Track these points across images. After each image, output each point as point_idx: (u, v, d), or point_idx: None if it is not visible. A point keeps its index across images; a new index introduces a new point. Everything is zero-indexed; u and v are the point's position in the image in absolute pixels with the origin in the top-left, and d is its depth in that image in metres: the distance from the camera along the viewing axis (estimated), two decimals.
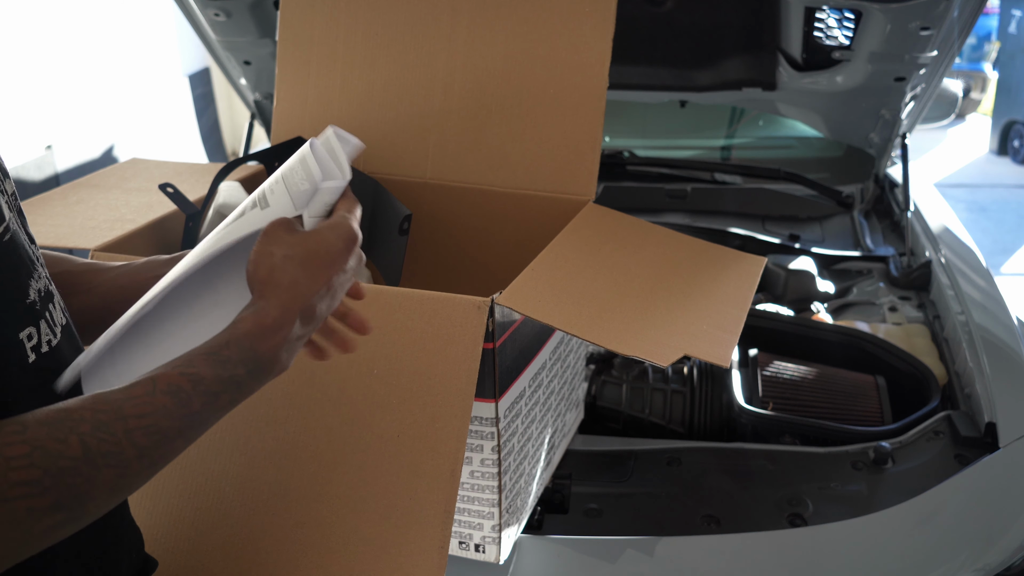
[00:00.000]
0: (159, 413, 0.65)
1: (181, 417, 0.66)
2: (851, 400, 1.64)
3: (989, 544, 1.24)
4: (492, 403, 1.12)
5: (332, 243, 0.75)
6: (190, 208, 1.43)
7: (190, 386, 0.67)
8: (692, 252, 1.40)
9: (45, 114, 3.62)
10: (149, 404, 0.64)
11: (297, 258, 0.74)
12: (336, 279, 0.76)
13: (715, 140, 2.91)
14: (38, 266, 0.73)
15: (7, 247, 0.68)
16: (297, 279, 0.73)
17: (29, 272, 0.70)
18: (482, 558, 1.25)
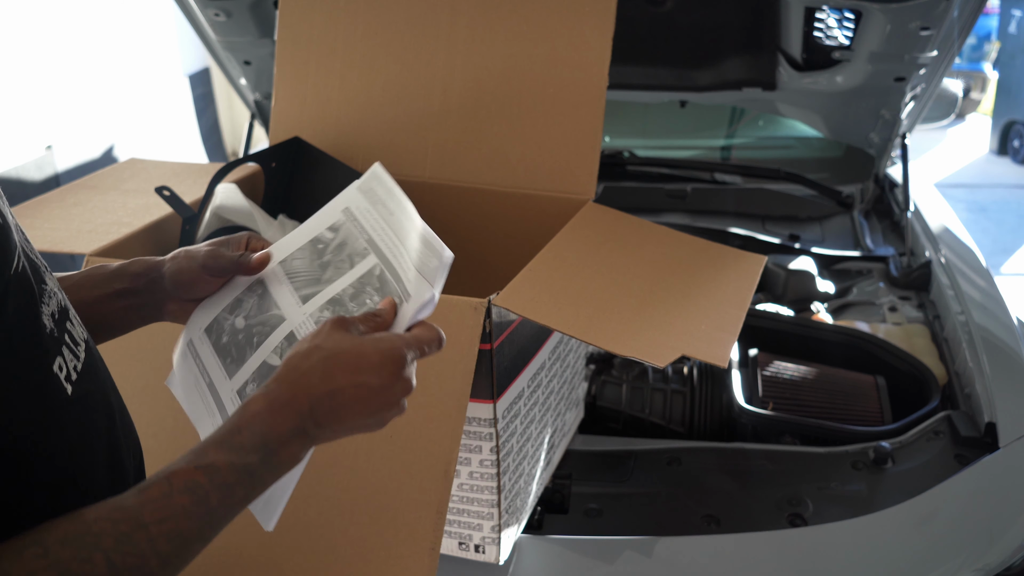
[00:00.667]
0: (179, 515, 0.63)
1: (200, 516, 0.64)
2: (851, 400, 1.64)
3: (989, 544, 1.24)
4: (490, 404, 1.12)
5: (366, 352, 0.72)
6: (186, 211, 1.43)
7: (206, 480, 0.65)
8: (692, 251, 1.40)
9: (45, 114, 3.62)
10: (168, 507, 0.63)
11: (324, 350, 0.71)
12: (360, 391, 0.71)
13: (715, 140, 2.91)
14: (46, 279, 0.69)
15: (21, 278, 0.63)
16: (313, 370, 0.71)
17: (40, 294, 0.67)
18: (482, 559, 1.25)
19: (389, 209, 0.86)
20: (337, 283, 0.85)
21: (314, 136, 1.62)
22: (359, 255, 0.86)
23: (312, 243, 0.89)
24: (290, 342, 0.82)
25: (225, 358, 0.85)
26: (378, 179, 0.89)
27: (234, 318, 0.87)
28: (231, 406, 0.82)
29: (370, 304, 0.81)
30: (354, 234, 0.88)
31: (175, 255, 0.89)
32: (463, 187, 1.54)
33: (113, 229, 1.37)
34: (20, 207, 1.46)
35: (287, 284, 0.87)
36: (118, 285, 0.87)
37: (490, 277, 1.55)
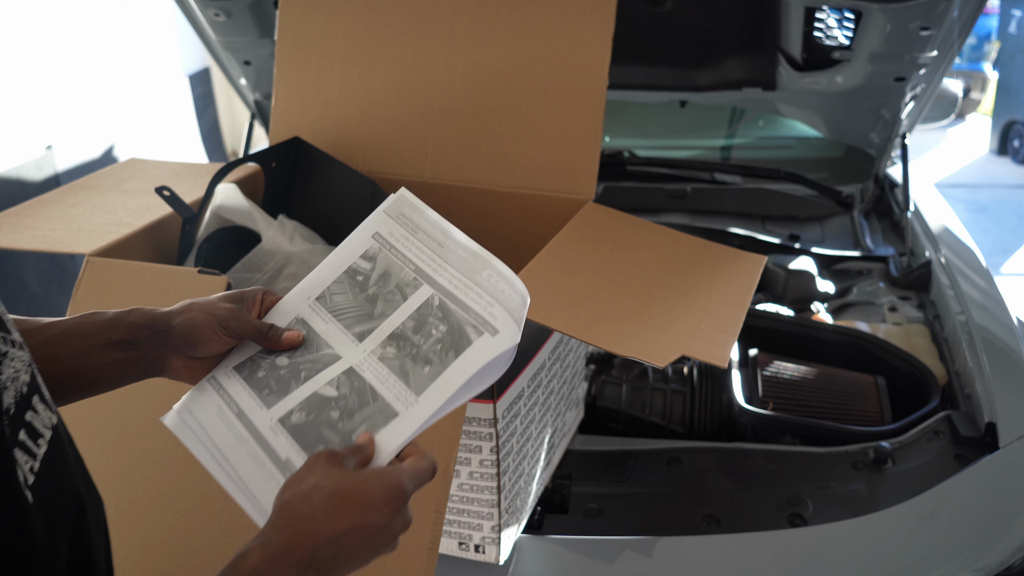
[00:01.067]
0: None
1: None
2: (851, 400, 1.64)
3: (989, 544, 1.24)
4: (490, 404, 1.12)
5: (371, 490, 0.68)
6: (186, 211, 1.43)
7: None
8: (691, 251, 1.40)
9: (45, 114, 3.61)
10: None
11: (326, 490, 0.67)
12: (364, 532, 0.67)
13: (715, 140, 2.91)
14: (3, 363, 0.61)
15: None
16: (315, 513, 0.66)
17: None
18: (482, 559, 1.25)
19: (435, 239, 0.83)
20: (393, 317, 0.82)
21: (314, 136, 1.62)
22: (410, 287, 0.83)
23: (349, 275, 0.86)
24: (350, 377, 0.80)
25: (262, 390, 0.82)
26: (409, 204, 0.86)
27: (274, 357, 0.84)
28: (271, 434, 0.79)
29: (436, 334, 0.79)
30: (396, 263, 0.85)
31: (187, 308, 0.83)
32: (463, 187, 1.54)
33: (113, 229, 1.36)
34: (20, 207, 1.46)
35: (334, 323, 0.84)
36: (114, 336, 0.81)
37: None
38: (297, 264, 1.45)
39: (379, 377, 0.79)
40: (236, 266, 1.42)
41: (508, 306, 0.78)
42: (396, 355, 0.80)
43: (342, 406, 0.78)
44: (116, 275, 1.24)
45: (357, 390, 0.79)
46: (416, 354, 0.79)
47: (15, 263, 3.32)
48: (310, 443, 0.77)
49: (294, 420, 0.79)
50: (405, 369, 0.79)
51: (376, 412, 0.77)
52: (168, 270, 1.24)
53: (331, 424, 0.77)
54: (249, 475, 0.77)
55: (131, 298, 1.22)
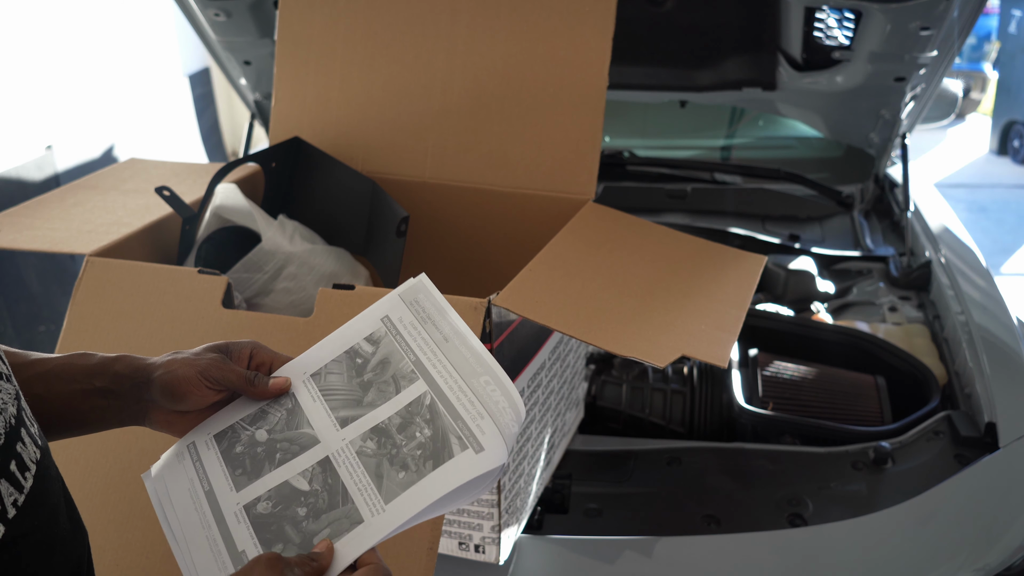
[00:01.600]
0: None
1: None
2: (851, 400, 1.64)
3: (989, 544, 1.24)
4: None
5: None
6: (186, 212, 1.43)
7: None
8: (692, 251, 1.40)
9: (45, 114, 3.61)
10: None
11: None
12: None
13: (715, 140, 2.91)
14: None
15: None
16: None
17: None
18: (482, 559, 1.25)
19: (442, 333, 0.81)
20: (382, 409, 0.79)
21: (314, 136, 1.62)
22: (406, 379, 0.80)
23: (349, 356, 0.84)
24: (324, 468, 0.77)
25: (235, 468, 0.79)
26: (425, 291, 0.84)
27: (255, 429, 0.81)
28: (233, 520, 0.76)
29: (419, 438, 0.76)
30: (398, 351, 0.82)
31: (169, 362, 0.80)
32: (463, 187, 1.54)
33: (113, 229, 1.36)
34: (20, 207, 1.46)
35: (321, 402, 0.81)
36: (98, 383, 0.79)
37: (490, 277, 1.55)
38: (297, 264, 1.45)
39: (353, 476, 0.76)
40: (236, 266, 1.42)
41: (499, 421, 0.74)
42: (375, 452, 0.77)
43: (311, 504, 0.75)
44: (116, 275, 1.24)
45: (329, 488, 0.76)
46: (395, 456, 0.76)
47: (15, 263, 3.32)
48: (269, 538, 0.74)
49: (259, 509, 0.76)
50: (380, 471, 0.75)
51: (343, 516, 0.74)
52: (168, 270, 1.24)
53: (295, 521, 0.74)
54: (202, 562, 0.74)
55: (131, 298, 1.22)
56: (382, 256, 1.50)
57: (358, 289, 1.14)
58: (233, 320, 1.18)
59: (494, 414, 0.74)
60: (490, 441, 0.73)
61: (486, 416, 0.74)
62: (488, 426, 0.74)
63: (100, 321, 1.22)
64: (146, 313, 1.21)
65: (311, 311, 1.15)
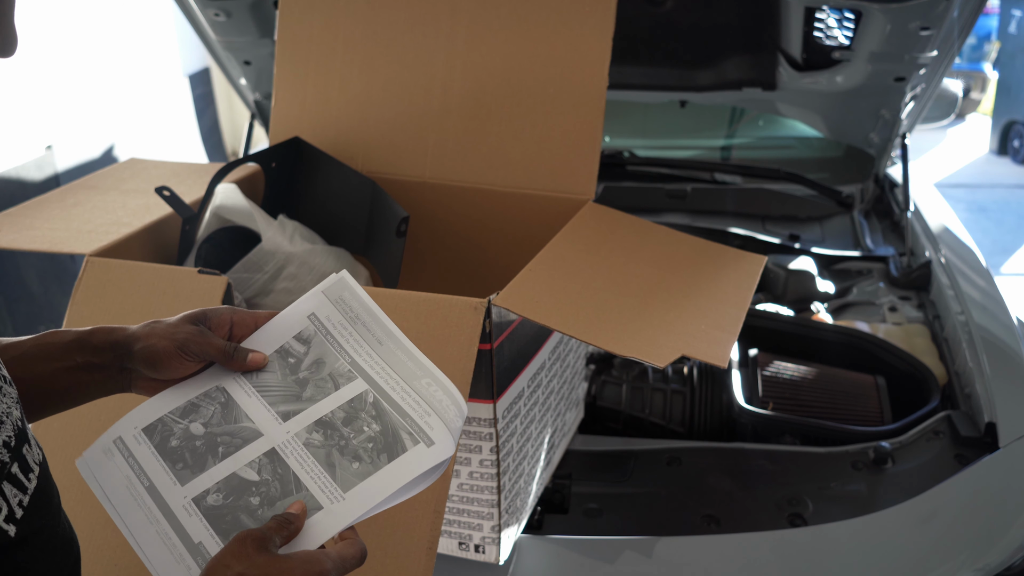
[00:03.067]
0: None
1: None
2: (851, 400, 1.64)
3: (989, 544, 1.24)
4: (490, 404, 1.12)
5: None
6: (186, 212, 1.43)
7: None
8: (691, 251, 1.40)
9: (45, 114, 3.61)
10: None
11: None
12: None
13: (715, 140, 2.91)
14: (1, 407, 0.62)
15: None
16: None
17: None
18: (482, 558, 1.25)
19: (375, 335, 0.82)
20: (323, 403, 0.80)
21: (314, 136, 1.62)
22: (343, 377, 0.81)
23: (280, 355, 0.83)
24: (272, 459, 0.77)
25: (175, 463, 0.78)
26: (349, 289, 0.84)
27: (188, 423, 0.80)
28: (184, 514, 0.75)
29: (368, 432, 0.77)
30: (332, 353, 0.82)
31: (148, 333, 0.80)
32: (463, 187, 1.54)
33: (113, 229, 1.36)
34: (20, 207, 1.46)
35: (257, 398, 0.81)
36: (79, 358, 0.80)
37: (490, 277, 1.55)
38: (297, 264, 1.45)
39: (304, 465, 0.77)
40: (236, 266, 1.42)
41: (445, 417, 0.77)
42: (323, 443, 0.77)
43: (263, 492, 0.76)
44: (116, 275, 1.24)
45: (280, 477, 0.76)
46: (344, 447, 0.77)
47: (15, 263, 3.32)
48: (226, 528, 0.74)
49: (210, 501, 0.76)
50: (331, 460, 0.76)
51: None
52: (168, 270, 1.24)
53: (250, 510, 0.75)
54: (158, 558, 0.74)
55: (131, 298, 1.22)
56: (382, 256, 1.50)
57: None
58: None
59: (439, 412, 0.77)
60: (439, 435, 0.76)
61: (433, 414, 0.77)
62: (436, 422, 0.76)
63: (100, 321, 1.21)
64: (146, 313, 1.21)
65: None
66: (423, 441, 0.76)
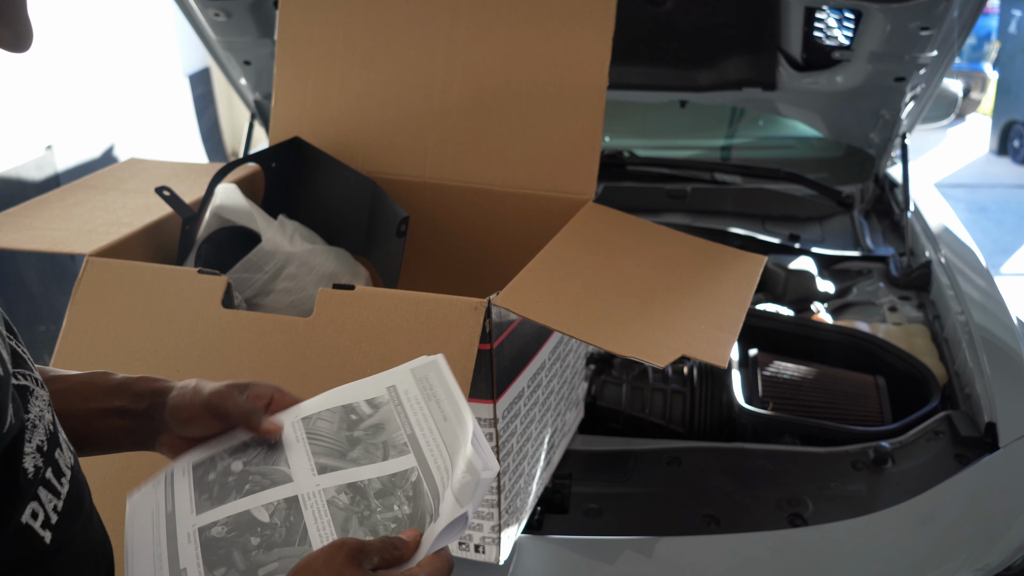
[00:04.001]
0: None
1: None
2: (851, 400, 1.64)
3: (989, 544, 1.24)
4: (490, 404, 1.12)
5: None
6: (187, 212, 1.43)
7: None
8: (691, 251, 1.40)
9: (45, 114, 3.61)
10: None
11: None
12: None
13: (715, 140, 2.91)
14: (32, 404, 0.62)
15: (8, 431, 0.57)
16: None
17: (23, 433, 0.59)
18: (482, 559, 1.25)
19: (443, 412, 0.79)
20: (364, 469, 0.77)
21: (314, 136, 1.62)
22: (396, 449, 0.78)
23: (345, 410, 0.82)
24: (290, 506, 0.75)
25: (201, 494, 0.78)
26: (437, 371, 0.82)
27: (232, 460, 0.80)
28: (184, 540, 0.74)
29: (396, 512, 0.74)
30: (395, 422, 0.80)
31: (184, 384, 0.81)
32: (463, 187, 1.54)
33: (113, 229, 1.36)
34: (20, 207, 1.46)
35: (304, 445, 0.80)
36: (118, 403, 0.80)
37: (490, 277, 1.55)
38: (297, 264, 1.45)
39: (318, 521, 0.74)
40: (236, 266, 1.42)
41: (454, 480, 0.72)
42: (346, 507, 0.75)
43: (266, 536, 0.73)
44: (116, 275, 1.24)
45: (290, 525, 0.74)
46: (366, 517, 0.74)
47: (15, 263, 3.32)
48: (214, 560, 0.72)
49: (213, 533, 0.74)
50: (347, 527, 0.74)
51: (295, 555, 0.72)
52: (168, 270, 1.24)
53: (245, 550, 0.73)
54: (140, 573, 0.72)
55: (131, 298, 1.22)
56: (382, 256, 1.50)
57: (358, 289, 1.14)
58: (233, 320, 1.18)
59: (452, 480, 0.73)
60: (445, 504, 0.72)
61: (448, 485, 0.73)
62: (448, 494, 0.73)
63: (100, 321, 1.22)
64: (146, 313, 1.21)
65: (311, 311, 1.15)
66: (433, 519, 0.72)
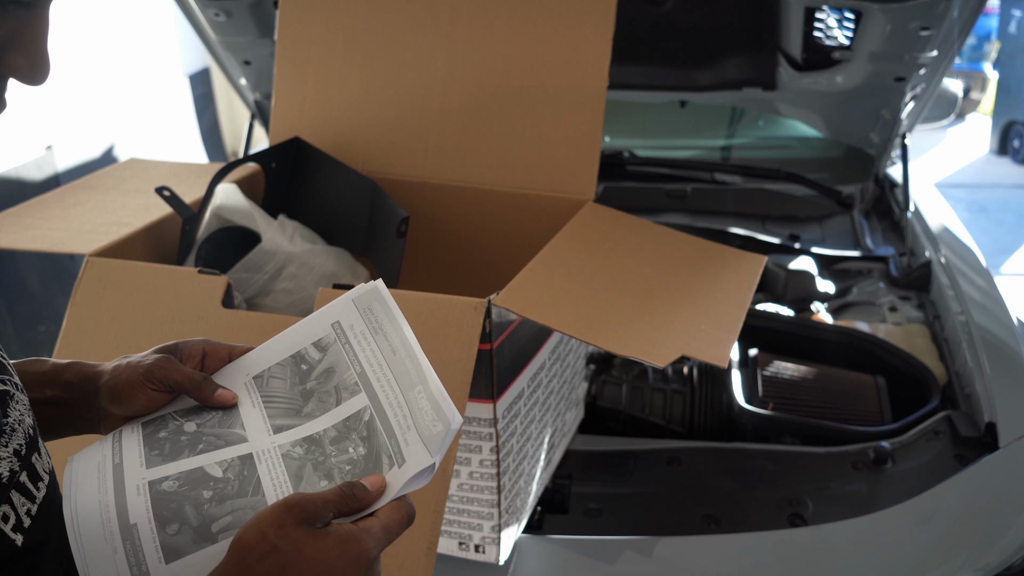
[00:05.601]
0: None
1: None
2: (851, 400, 1.64)
3: (989, 544, 1.24)
4: (490, 404, 1.12)
5: (330, 558, 0.62)
6: (186, 212, 1.43)
7: None
8: (692, 251, 1.40)
9: (45, 114, 3.61)
10: None
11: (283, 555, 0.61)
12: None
13: (715, 140, 2.91)
14: (11, 408, 0.61)
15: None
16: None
17: None
18: (482, 559, 1.25)
19: (391, 345, 0.77)
20: (319, 421, 0.76)
21: (314, 136, 1.62)
22: (348, 391, 0.77)
23: (295, 361, 0.81)
24: (244, 462, 0.73)
25: (152, 449, 0.75)
26: (379, 299, 0.79)
27: (185, 420, 0.78)
28: (133, 492, 0.71)
29: (351, 454, 0.72)
30: (344, 362, 0.79)
31: (115, 366, 0.77)
32: (463, 187, 1.54)
33: (113, 229, 1.36)
34: (20, 207, 1.46)
35: (260, 408, 0.78)
36: (49, 392, 0.77)
37: (490, 277, 1.55)
38: (297, 264, 1.45)
39: (272, 473, 0.72)
40: (236, 266, 1.42)
41: (421, 426, 0.70)
42: (300, 456, 0.74)
43: (219, 488, 0.71)
44: (116, 275, 1.24)
45: (243, 479, 0.72)
46: (320, 462, 0.73)
47: (15, 263, 3.32)
48: (165, 516, 0.70)
49: (164, 487, 0.72)
50: (301, 473, 0.72)
51: (248, 507, 0.70)
52: (168, 270, 1.24)
53: (197, 503, 0.71)
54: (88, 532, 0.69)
55: (131, 298, 1.22)
56: (382, 256, 1.50)
57: None
58: (233, 320, 1.18)
59: (419, 423, 0.71)
60: (412, 450, 0.70)
61: (412, 428, 0.71)
62: (412, 436, 0.71)
63: (100, 321, 1.22)
64: (146, 313, 1.21)
65: (311, 311, 1.15)
66: (397, 463, 0.71)
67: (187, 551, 0.68)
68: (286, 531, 0.62)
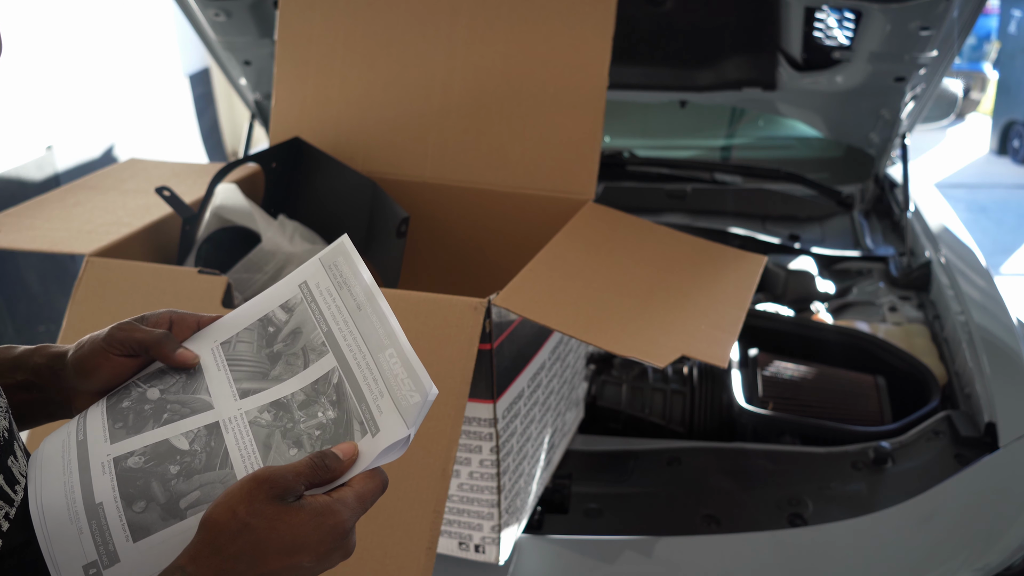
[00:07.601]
0: None
1: None
2: (851, 400, 1.64)
3: (989, 544, 1.24)
4: (490, 404, 1.12)
5: (304, 532, 0.61)
6: (186, 212, 1.43)
7: None
8: (692, 251, 1.40)
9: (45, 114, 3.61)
10: None
11: (255, 532, 0.60)
12: (294, 571, 0.62)
13: (715, 140, 2.91)
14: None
15: None
16: (241, 555, 0.60)
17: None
18: (482, 558, 1.25)
19: (356, 301, 0.75)
20: (286, 384, 0.74)
21: (314, 136, 1.62)
22: (315, 352, 0.75)
23: (262, 324, 0.79)
24: (211, 432, 0.71)
25: (116, 422, 0.73)
26: (344, 255, 0.77)
27: (148, 387, 0.76)
28: (98, 471, 0.69)
29: (321, 418, 0.71)
30: (311, 321, 0.76)
31: (80, 342, 0.76)
32: (463, 187, 1.54)
33: (113, 229, 1.36)
34: (20, 207, 1.46)
35: (226, 371, 0.76)
36: (20, 376, 0.76)
37: (490, 277, 1.55)
38: (297, 264, 1.45)
39: (239, 443, 0.71)
40: (236, 266, 1.42)
41: (396, 396, 0.68)
42: (268, 424, 0.72)
43: (186, 463, 0.70)
44: (116, 275, 1.24)
45: (210, 451, 0.70)
46: (289, 429, 0.71)
47: (15, 263, 3.32)
48: (132, 493, 0.68)
49: (129, 463, 0.70)
50: (270, 442, 0.70)
51: (216, 480, 0.68)
52: (168, 270, 1.24)
53: (164, 479, 0.69)
54: (53, 512, 0.68)
55: (131, 298, 1.22)
56: (382, 256, 1.50)
57: None
58: None
59: (393, 390, 0.69)
60: (386, 419, 0.68)
61: (386, 394, 0.69)
62: (386, 404, 0.69)
63: (100, 321, 1.22)
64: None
65: None
66: (371, 431, 0.69)
67: (155, 528, 0.67)
68: (257, 507, 0.61)
